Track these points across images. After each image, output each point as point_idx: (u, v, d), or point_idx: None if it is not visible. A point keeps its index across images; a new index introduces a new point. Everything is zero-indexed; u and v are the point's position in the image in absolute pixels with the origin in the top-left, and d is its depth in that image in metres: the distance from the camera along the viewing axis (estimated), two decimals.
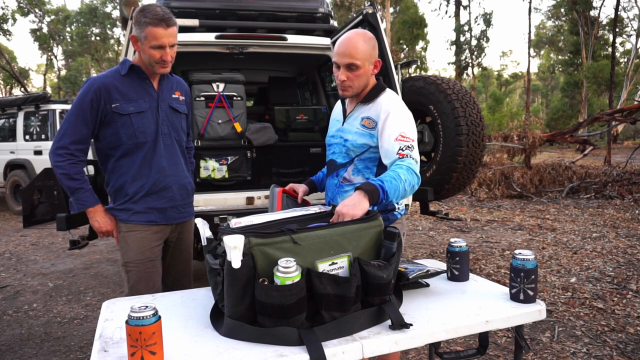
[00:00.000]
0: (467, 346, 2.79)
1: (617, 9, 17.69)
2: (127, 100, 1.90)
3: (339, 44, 1.72)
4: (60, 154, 1.85)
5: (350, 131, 1.81)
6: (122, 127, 1.89)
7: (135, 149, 1.92)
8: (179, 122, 2.07)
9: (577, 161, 11.33)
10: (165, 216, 2.01)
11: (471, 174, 3.32)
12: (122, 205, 1.97)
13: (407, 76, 4.15)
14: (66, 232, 2.51)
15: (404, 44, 28.54)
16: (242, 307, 1.16)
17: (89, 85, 1.87)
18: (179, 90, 2.10)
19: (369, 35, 1.74)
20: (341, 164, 1.85)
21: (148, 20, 1.81)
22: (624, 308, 3.33)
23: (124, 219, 1.97)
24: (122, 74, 1.91)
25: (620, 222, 6.24)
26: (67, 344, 3.02)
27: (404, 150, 1.62)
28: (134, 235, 1.96)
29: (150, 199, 1.97)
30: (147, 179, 1.95)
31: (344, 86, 1.75)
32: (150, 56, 1.86)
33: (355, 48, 1.68)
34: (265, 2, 3.54)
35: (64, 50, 31.17)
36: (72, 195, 1.90)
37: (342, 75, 1.72)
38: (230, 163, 3.31)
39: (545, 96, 44.32)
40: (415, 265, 1.57)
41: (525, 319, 1.36)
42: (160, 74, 1.96)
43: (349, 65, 1.70)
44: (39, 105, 7.98)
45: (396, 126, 1.67)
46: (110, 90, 1.87)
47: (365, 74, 1.73)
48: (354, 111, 1.83)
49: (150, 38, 1.83)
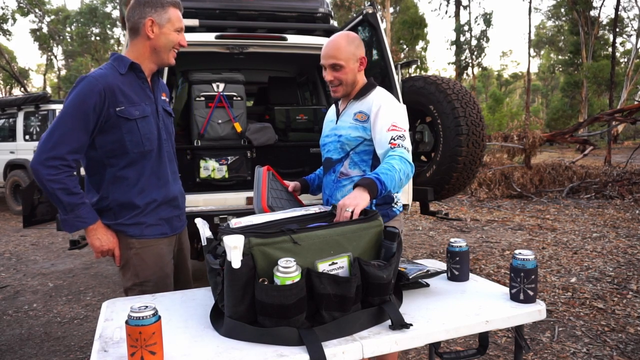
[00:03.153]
0: (467, 346, 2.79)
1: (617, 9, 17.70)
2: (131, 103, 1.66)
3: (324, 47, 1.84)
4: (54, 166, 1.54)
5: (344, 127, 1.88)
6: (128, 133, 1.66)
7: (141, 157, 1.71)
8: (171, 126, 1.91)
9: (577, 161, 11.34)
10: (171, 226, 1.85)
11: (471, 174, 3.32)
12: (132, 220, 1.72)
13: (407, 76, 4.15)
14: (66, 232, 2.51)
15: (404, 44, 28.55)
16: (242, 307, 1.16)
17: (89, 85, 1.59)
18: (164, 91, 1.94)
19: (352, 36, 1.84)
20: (337, 160, 1.90)
21: (170, 2, 1.69)
22: (624, 308, 3.33)
23: (136, 235, 1.73)
24: (121, 72, 1.67)
25: (621, 222, 6.24)
26: (67, 344, 3.02)
27: (395, 139, 1.70)
28: (150, 251, 1.75)
29: (161, 210, 1.79)
30: (157, 189, 1.76)
31: (333, 86, 1.85)
32: (172, 40, 1.71)
33: (337, 49, 1.80)
34: (265, 2, 3.54)
35: (64, 50, 31.19)
36: (71, 213, 1.61)
37: (329, 76, 1.84)
38: (230, 163, 3.31)
39: (545, 96, 44.32)
40: (415, 265, 1.56)
41: (525, 319, 1.35)
42: (167, 66, 1.80)
43: (333, 65, 1.82)
44: (39, 105, 7.99)
45: (388, 117, 1.75)
46: (115, 91, 1.63)
47: (351, 72, 1.83)
48: (346, 108, 1.91)
49: (174, 20, 1.70)
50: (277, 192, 1.90)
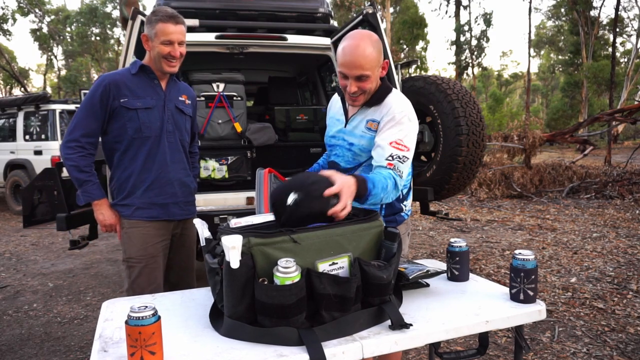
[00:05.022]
0: (467, 346, 2.79)
1: (618, 9, 17.68)
2: (135, 96, 1.98)
3: (346, 53, 1.58)
4: (71, 147, 1.92)
5: (355, 134, 1.72)
6: (129, 121, 1.96)
7: (140, 143, 1.99)
8: (184, 123, 2.13)
9: (577, 161, 11.33)
10: (167, 212, 2.06)
11: (471, 174, 3.32)
12: (124, 201, 2.02)
13: (407, 76, 4.15)
14: (66, 232, 2.52)
15: (404, 44, 28.54)
16: (242, 307, 1.16)
17: (99, 81, 1.96)
18: (186, 94, 2.18)
19: (374, 38, 1.62)
20: (345, 169, 1.78)
21: (158, 18, 1.93)
22: (624, 308, 3.32)
23: (127, 215, 2.01)
24: (133, 72, 2.00)
25: (621, 222, 6.24)
26: (67, 344, 3.02)
27: (394, 159, 1.55)
28: (137, 232, 2.01)
29: (152, 194, 2.02)
30: (149, 173, 2.00)
31: (355, 97, 1.65)
32: (160, 52, 1.94)
33: (364, 57, 1.56)
34: (265, 2, 3.54)
35: (64, 50, 31.18)
36: (80, 187, 1.96)
37: (353, 87, 1.61)
38: (231, 163, 3.31)
39: (546, 96, 44.29)
40: (415, 265, 1.56)
41: (525, 319, 1.36)
42: (168, 72, 2.02)
43: (359, 77, 1.58)
44: (39, 105, 7.98)
45: (396, 131, 1.59)
46: (120, 86, 1.95)
47: (375, 80, 1.65)
48: (357, 113, 1.74)
49: (160, 34, 1.93)
50: None
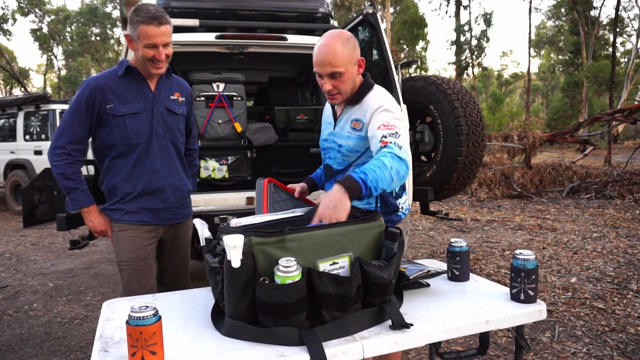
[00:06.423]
0: (468, 346, 2.79)
1: (618, 9, 17.69)
2: (121, 101, 1.90)
3: (317, 53, 1.61)
4: (57, 154, 1.87)
5: (342, 135, 1.76)
6: (116, 127, 1.90)
7: (129, 150, 1.93)
8: (175, 124, 2.05)
9: (577, 161, 11.33)
10: (157, 217, 2.02)
11: (471, 174, 3.32)
12: (114, 206, 1.99)
13: (407, 76, 4.15)
14: (66, 232, 2.51)
15: (404, 44, 28.54)
16: (243, 306, 1.15)
17: (84, 86, 1.89)
18: (179, 91, 2.08)
19: (346, 35, 1.63)
20: (337, 171, 1.81)
21: (140, 19, 1.81)
22: (625, 308, 3.32)
23: (116, 219, 1.99)
24: (119, 74, 1.92)
25: (621, 222, 6.24)
26: (67, 344, 3.02)
27: (387, 137, 1.55)
28: (125, 235, 1.98)
29: (143, 200, 1.98)
30: (139, 180, 1.96)
31: (331, 95, 1.68)
32: (144, 55, 1.85)
33: (334, 55, 1.58)
34: (265, 2, 3.54)
35: (64, 50, 31.17)
36: (68, 195, 1.92)
37: (327, 85, 1.64)
38: (231, 163, 3.31)
39: (546, 96, 44.30)
40: (415, 265, 1.56)
41: (525, 319, 1.35)
42: (154, 74, 1.93)
43: (331, 74, 1.61)
44: (39, 105, 7.98)
45: (381, 117, 1.61)
46: (105, 91, 1.88)
47: (350, 78, 1.65)
48: (343, 114, 1.77)
49: (142, 37, 1.82)
50: (280, 203, 1.84)
